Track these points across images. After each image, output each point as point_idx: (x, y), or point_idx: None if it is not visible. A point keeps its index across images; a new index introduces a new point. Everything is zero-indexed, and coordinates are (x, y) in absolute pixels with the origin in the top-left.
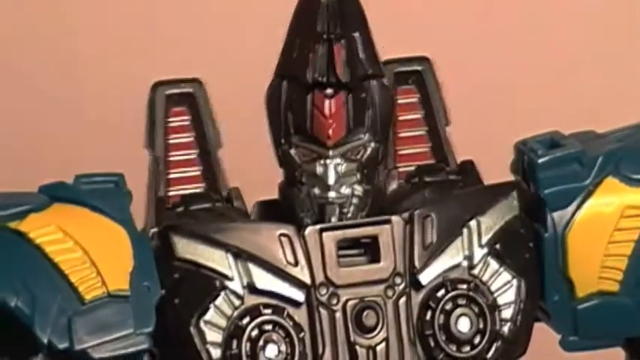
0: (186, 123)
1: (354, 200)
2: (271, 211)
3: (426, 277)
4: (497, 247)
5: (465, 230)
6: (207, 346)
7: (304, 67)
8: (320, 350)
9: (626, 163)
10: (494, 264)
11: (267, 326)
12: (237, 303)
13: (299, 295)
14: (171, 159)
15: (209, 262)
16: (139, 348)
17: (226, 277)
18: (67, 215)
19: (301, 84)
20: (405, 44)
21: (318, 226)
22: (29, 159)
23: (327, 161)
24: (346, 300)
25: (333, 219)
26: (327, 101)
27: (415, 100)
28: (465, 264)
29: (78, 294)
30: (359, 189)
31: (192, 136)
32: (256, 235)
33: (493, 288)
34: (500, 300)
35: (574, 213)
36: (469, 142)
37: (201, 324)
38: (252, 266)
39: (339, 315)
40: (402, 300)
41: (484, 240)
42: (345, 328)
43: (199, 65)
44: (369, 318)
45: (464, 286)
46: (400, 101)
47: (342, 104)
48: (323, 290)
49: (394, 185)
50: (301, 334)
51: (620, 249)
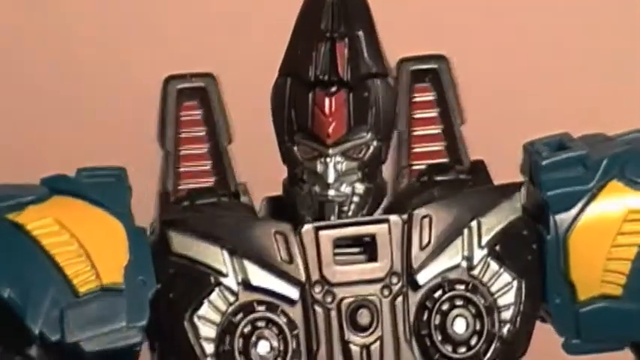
0: (198, 117)
1: (354, 199)
2: (278, 208)
3: (424, 277)
4: (498, 248)
5: (466, 231)
6: (201, 341)
7: (307, 65)
8: (314, 348)
9: (631, 166)
10: (494, 265)
11: (260, 323)
12: (231, 299)
13: (293, 293)
14: (182, 153)
15: (204, 258)
16: (131, 341)
17: (221, 274)
18: (65, 208)
19: (304, 82)
20: (422, 43)
21: (314, 224)
22: (35, 154)
23: (327, 159)
24: (341, 298)
25: (332, 217)
26: (327, 99)
27: (431, 98)
28: (465, 265)
29: (72, 287)
30: (360, 187)
31: (204, 131)
32: (252, 232)
33: (493, 289)
34: (500, 301)
35: (577, 216)
36: (484, 142)
37: (195, 319)
38: (247, 263)
39: (333, 313)
40: (399, 300)
41: (484, 241)
42: (340, 326)
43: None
44: (363, 317)
45: (461, 287)
46: (416, 99)
47: (343, 102)
48: (318, 288)
49: (404, 183)
50: (295, 331)
51: (624, 253)
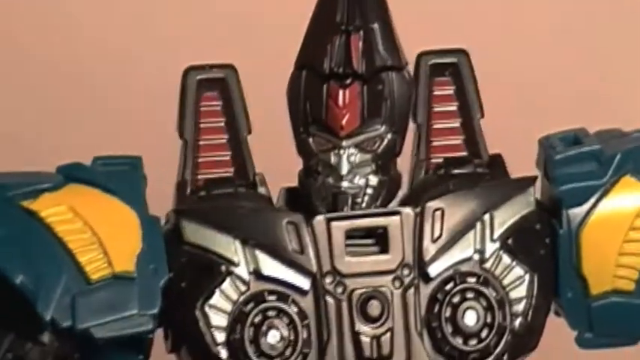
0: (217, 108)
1: (367, 190)
2: (295, 198)
3: (435, 269)
4: (510, 241)
5: (478, 224)
6: (212, 330)
7: (322, 58)
8: (325, 338)
9: None
10: (506, 258)
11: (271, 312)
12: (243, 288)
13: (304, 283)
14: (202, 143)
15: (216, 248)
16: (142, 329)
17: (232, 263)
18: (79, 196)
19: (319, 74)
20: (439, 36)
21: (326, 216)
22: (52, 142)
23: (341, 151)
24: (352, 289)
25: (345, 208)
26: (341, 92)
27: (451, 92)
28: (477, 257)
29: (84, 274)
30: (373, 179)
31: (223, 121)
32: (264, 222)
33: (505, 282)
34: (512, 294)
35: (589, 211)
36: (502, 136)
37: (207, 308)
38: (258, 253)
39: (344, 304)
40: (410, 291)
41: (497, 234)
42: (350, 317)
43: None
44: (374, 308)
45: (473, 280)
46: (435, 93)
47: (357, 95)
48: (329, 279)
49: (421, 175)
50: (305, 321)
51: (636, 248)
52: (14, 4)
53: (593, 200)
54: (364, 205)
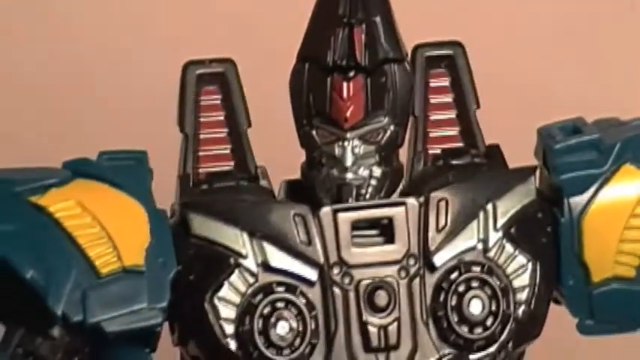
0: (217, 102)
1: (372, 182)
2: (297, 191)
3: (440, 259)
4: (513, 231)
5: (481, 213)
6: (221, 322)
7: (325, 51)
8: (332, 328)
9: None
10: (509, 247)
11: (280, 304)
12: (251, 280)
13: (312, 274)
14: (202, 137)
15: (224, 240)
16: (152, 322)
17: (240, 255)
18: (87, 191)
19: (322, 67)
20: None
21: (333, 207)
22: (58, 138)
23: (345, 143)
24: (359, 280)
25: (350, 200)
26: (345, 84)
27: (446, 84)
28: (480, 247)
29: (94, 268)
30: (377, 171)
31: (223, 115)
32: (271, 215)
33: (508, 271)
34: (516, 283)
35: (590, 199)
36: (499, 127)
37: (215, 300)
38: (266, 245)
39: (351, 294)
40: (416, 281)
41: (499, 224)
42: (358, 307)
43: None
44: (380, 298)
45: (477, 269)
46: (431, 84)
47: (361, 87)
48: (336, 270)
49: (420, 167)
50: (313, 312)
51: (637, 235)
52: (14, 4)
53: (593, 189)
54: (368, 197)
